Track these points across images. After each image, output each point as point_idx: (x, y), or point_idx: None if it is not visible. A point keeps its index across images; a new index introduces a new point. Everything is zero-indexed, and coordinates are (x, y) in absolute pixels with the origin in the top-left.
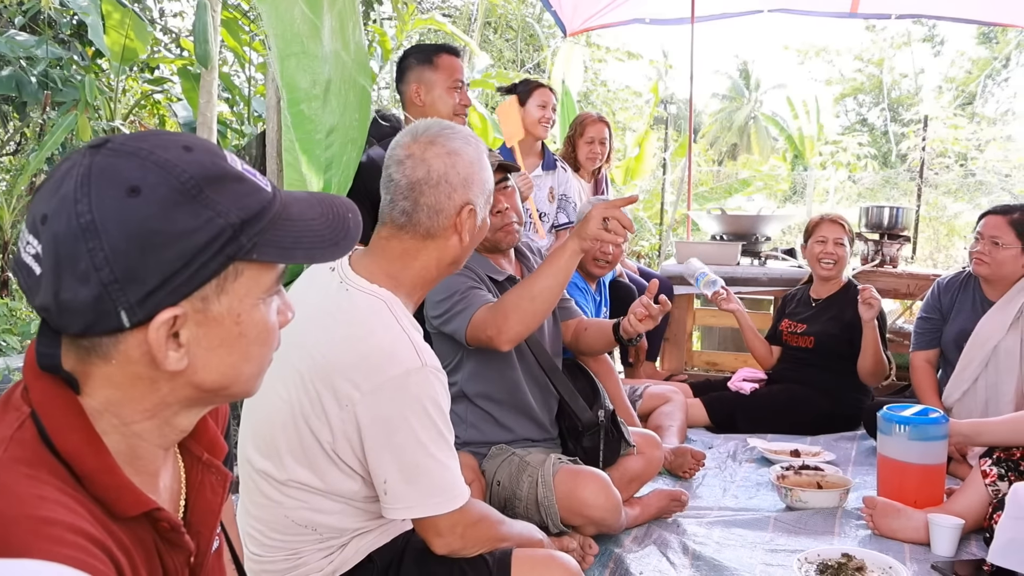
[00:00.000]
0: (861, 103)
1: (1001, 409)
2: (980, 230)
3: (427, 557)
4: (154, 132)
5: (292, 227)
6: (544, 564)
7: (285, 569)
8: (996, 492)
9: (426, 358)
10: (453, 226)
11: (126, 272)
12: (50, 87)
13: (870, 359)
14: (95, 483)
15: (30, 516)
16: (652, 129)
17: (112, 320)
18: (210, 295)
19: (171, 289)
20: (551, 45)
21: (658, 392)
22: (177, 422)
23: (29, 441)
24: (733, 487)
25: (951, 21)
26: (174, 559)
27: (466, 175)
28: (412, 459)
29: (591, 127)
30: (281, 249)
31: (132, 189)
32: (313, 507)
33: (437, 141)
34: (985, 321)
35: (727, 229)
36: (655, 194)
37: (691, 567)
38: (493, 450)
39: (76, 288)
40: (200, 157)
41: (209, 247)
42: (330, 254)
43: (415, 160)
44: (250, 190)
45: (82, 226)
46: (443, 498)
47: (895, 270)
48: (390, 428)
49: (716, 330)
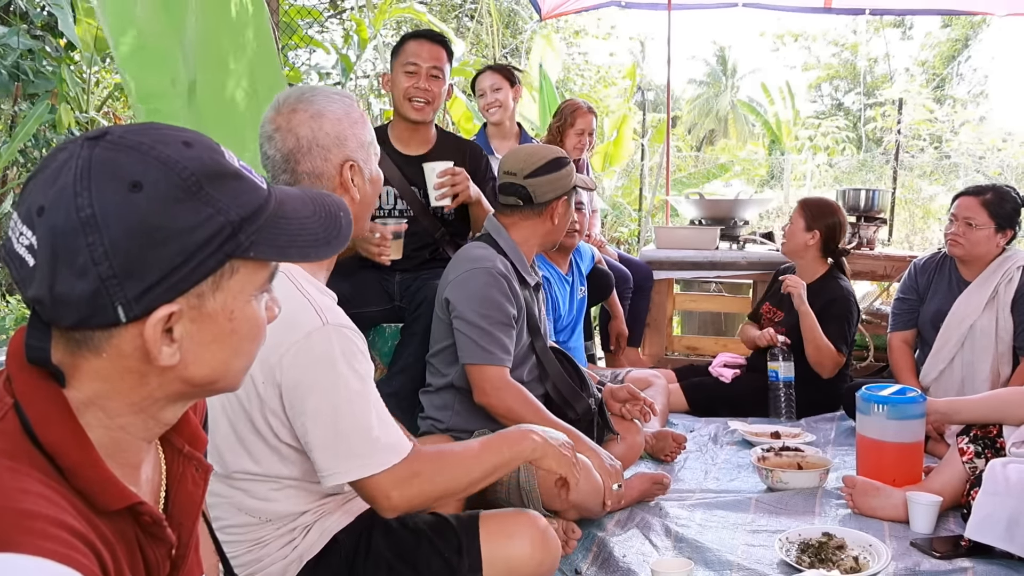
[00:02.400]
0: (836, 87)
1: (977, 387)
2: (954, 211)
3: (395, 531)
4: (153, 126)
5: (287, 225)
6: (511, 521)
7: (251, 561)
8: (973, 469)
9: (328, 317)
10: (340, 186)
11: (125, 267)
12: (21, 79)
13: (811, 348)
14: (78, 476)
15: (12, 509)
16: (629, 114)
17: (108, 315)
18: (206, 291)
19: (169, 285)
20: (526, 31)
21: (640, 376)
22: (162, 416)
23: (11, 433)
24: (715, 469)
25: (923, 14)
26: (155, 551)
27: (336, 133)
28: (330, 423)
29: (581, 118)
30: (277, 248)
31: (134, 184)
32: (259, 496)
33: (298, 107)
34: (961, 301)
35: (705, 214)
36: (634, 180)
37: (674, 549)
38: (476, 435)
39: (73, 282)
40: (200, 153)
41: (208, 244)
42: (323, 252)
43: (282, 132)
44: (248, 188)
45: (82, 220)
46: (369, 459)
47: (872, 252)
48: (302, 394)
49: (696, 315)
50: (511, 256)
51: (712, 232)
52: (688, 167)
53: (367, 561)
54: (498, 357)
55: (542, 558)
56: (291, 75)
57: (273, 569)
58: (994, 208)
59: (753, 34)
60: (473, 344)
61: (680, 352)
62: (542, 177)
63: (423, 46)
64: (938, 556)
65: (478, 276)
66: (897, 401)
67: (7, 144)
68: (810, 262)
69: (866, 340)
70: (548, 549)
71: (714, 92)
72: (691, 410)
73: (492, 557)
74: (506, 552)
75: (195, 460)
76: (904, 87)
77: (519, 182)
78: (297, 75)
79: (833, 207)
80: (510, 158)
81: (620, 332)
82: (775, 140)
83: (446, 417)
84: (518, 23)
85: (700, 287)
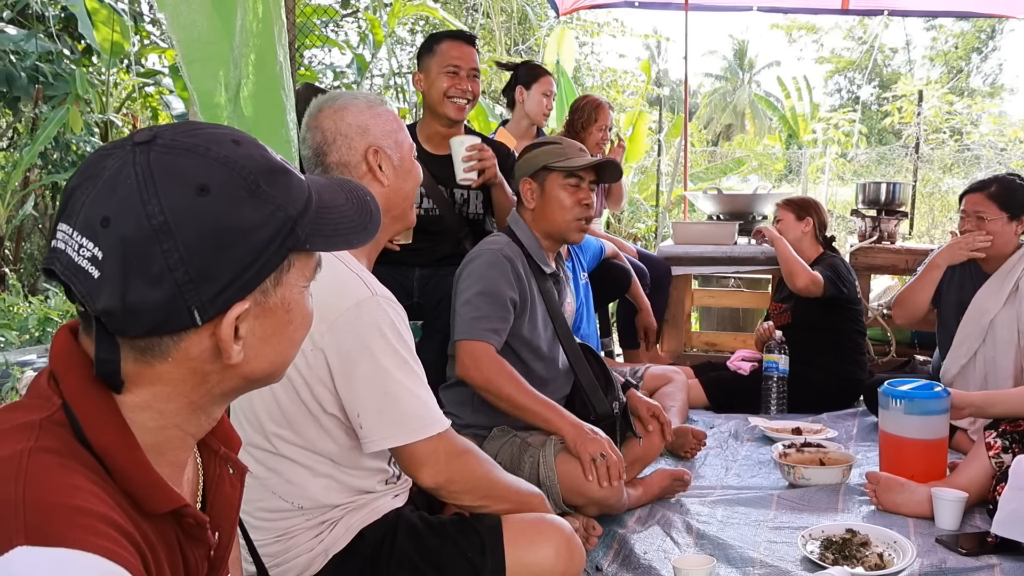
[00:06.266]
0: (852, 80)
1: (1000, 384)
2: (964, 208)
3: (419, 531)
4: (196, 125)
5: (329, 215)
6: (536, 527)
7: (277, 552)
8: (1000, 464)
9: (376, 288)
10: (368, 173)
11: (200, 271)
12: (41, 81)
13: (785, 271)
14: (127, 479)
15: (64, 505)
16: (646, 111)
17: (184, 319)
18: (269, 287)
19: (241, 285)
20: (543, 27)
21: (659, 373)
22: (214, 412)
23: (61, 432)
24: (735, 466)
25: (943, 15)
26: (195, 553)
27: (359, 123)
28: (380, 387)
29: (603, 116)
30: (326, 237)
31: (201, 188)
32: (296, 480)
33: (324, 108)
34: (981, 295)
35: (724, 209)
36: (650, 175)
37: (695, 546)
38: (495, 431)
39: (147, 290)
40: (251, 151)
41: (274, 241)
42: (363, 238)
43: (311, 130)
44: (296, 182)
45: (155, 227)
46: (418, 424)
47: (893, 246)
48: (353, 360)
49: (714, 311)
50: (526, 245)
51: (730, 227)
52: (703, 162)
53: (391, 559)
54: (484, 333)
55: (565, 567)
56: (307, 75)
57: (298, 561)
58: (1001, 198)
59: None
60: (462, 321)
61: (698, 348)
62: (517, 164)
63: (462, 49)
64: (964, 552)
65: (481, 257)
66: (918, 396)
67: (28, 147)
68: (806, 248)
69: (887, 335)
70: (573, 558)
71: (731, 87)
72: (710, 405)
73: (516, 562)
74: (530, 558)
75: (231, 461)
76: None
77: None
78: (312, 75)
79: (811, 199)
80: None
81: (648, 326)
82: (792, 135)
83: (465, 414)
84: (531, 20)
85: (718, 283)
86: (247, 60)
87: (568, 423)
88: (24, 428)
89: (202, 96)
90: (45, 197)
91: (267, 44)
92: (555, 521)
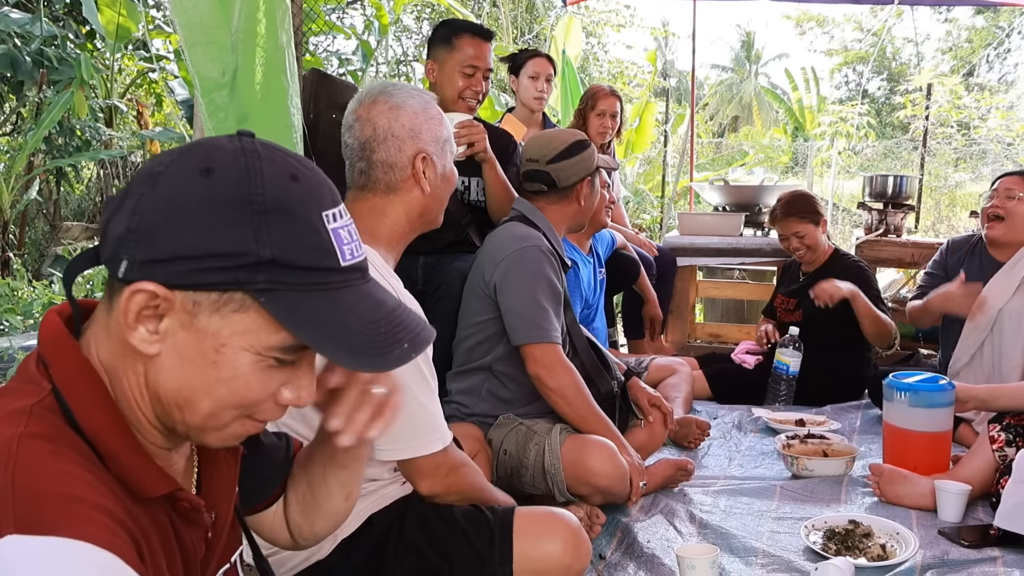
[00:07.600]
0: (860, 73)
1: (1006, 375)
2: (996, 187)
3: (429, 519)
4: (286, 151)
5: (325, 305)
6: (545, 520)
7: None
8: (1003, 458)
9: (399, 294)
10: (412, 177)
11: (148, 229)
12: (45, 65)
13: (868, 327)
14: (119, 464)
15: (56, 493)
16: (652, 101)
17: (115, 265)
18: (204, 305)
19: (170, 270)
20: (550, 16)
21: (664, 363)
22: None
23: (51, 417)
24: (739, 456)
25: (956, 4)
26: (191, 535)
27: (412, 126)
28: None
29: (603, 100)
30: (292, 313)
31: (207, 170)
32: None
33: (379, 99)
34: (990, 285)
35: (730, 200)
36: (656, 166)
37: (698, 535)
38: (500, 419)
39: (118, 220)
40: (294, 191)
41: (221, 257)
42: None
43: (362, 122)
44: (313, 245)
45: (152, 172)
46: (426, 439)
47: (899, 239)
48: None
49: (719, 302)
50: (549, 236)
51: (736, 219)
52: (709, 154)
53: (399, 546)
54: (553, 335)
55: (572, 561)
56: (312, 61)
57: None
58: None
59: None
60: (528, 323)
61: (703, 339)
62: (565, 161)
63: (481, 48)
64: (967, 545)
65: (530, 253)
66: (924, 388)
67: (33, 131)
68: (823, 249)
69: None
70: (580, 553)
71: (738, 78)
72: (714, 397)
73: (523, 554)
74: (538, 551)
75: None
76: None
77: (542, 168)
78: (318, 61)
79: (808, 196)
80: (532, 145)
81: (654, 316)
82: (799, 127)
83: (472, 403)
84: (538, 9)
85: (723, 274)
86: (246, 44)
87: (622, 445)
88: (14, 414)
89: (203, 80)
90: (49, 182)
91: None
92: (563, 515)
